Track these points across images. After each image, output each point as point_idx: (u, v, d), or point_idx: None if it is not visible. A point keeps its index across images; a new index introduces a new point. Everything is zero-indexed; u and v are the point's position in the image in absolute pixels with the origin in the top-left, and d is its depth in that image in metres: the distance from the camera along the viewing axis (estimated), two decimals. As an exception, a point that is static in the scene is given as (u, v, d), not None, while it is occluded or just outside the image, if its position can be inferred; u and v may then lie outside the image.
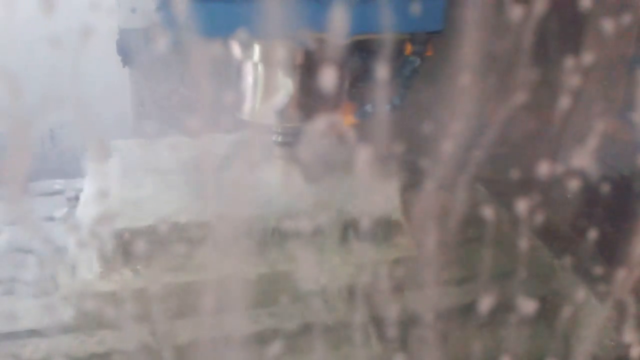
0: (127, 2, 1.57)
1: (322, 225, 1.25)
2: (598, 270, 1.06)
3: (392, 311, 1.12)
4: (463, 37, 0.70)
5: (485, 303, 0.99)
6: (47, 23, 0.54)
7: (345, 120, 1.36)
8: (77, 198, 1.40)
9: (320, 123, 0.71)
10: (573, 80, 0.71)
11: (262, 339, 1.17)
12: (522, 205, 0.80)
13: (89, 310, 1.15)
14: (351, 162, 0.72)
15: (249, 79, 1.31)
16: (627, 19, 0.74)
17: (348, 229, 1.29)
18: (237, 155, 0.99)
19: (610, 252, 0.85)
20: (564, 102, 0.73)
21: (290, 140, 1.39)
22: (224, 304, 1.15)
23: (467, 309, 1.19)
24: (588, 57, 0.71)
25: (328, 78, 0.74)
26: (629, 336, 0.96)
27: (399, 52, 1.34)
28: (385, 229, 1.32)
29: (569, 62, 0.72)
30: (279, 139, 1.40)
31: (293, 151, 1.39)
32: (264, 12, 0.67)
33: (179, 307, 1.16)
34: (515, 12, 0.71)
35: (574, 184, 0.74)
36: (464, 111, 0.74)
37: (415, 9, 1.03)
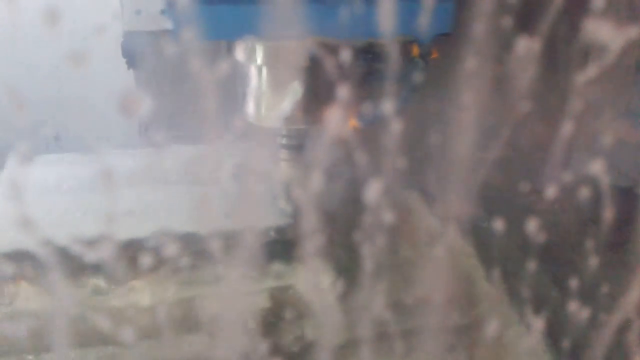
0: (131, 4, 1.57)
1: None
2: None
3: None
4: (470, 41, 0.70)
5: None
6: (52, 25, 0.53)
7: (349, 124, 1.35)
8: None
9: (326, 126, 0.71)
10: (581, 85, 0.70)
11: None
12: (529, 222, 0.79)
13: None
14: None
15: (253, 81, 1.31)
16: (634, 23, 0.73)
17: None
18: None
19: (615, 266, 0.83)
20: (572, 107, 0.72)
21: (296, 143, 1.38)
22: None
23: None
24: (596, 62, 0.70)
25: (334, 81, 0.74)
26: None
27: (404, 54, 1.33)
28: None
29: (578, 66, 0.71)
30: (285, 141, 1.39)
31: (300, 154, 1.39)
32: (270, 15, 0.66)
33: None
34: (524, 18, 0.70)
35: (583, 191, 0.74)
36: (469, 118, 0.74)
37: (424, 10, 1.02)
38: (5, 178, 1.35)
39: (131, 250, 1.13)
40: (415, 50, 1.33)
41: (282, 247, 1.22)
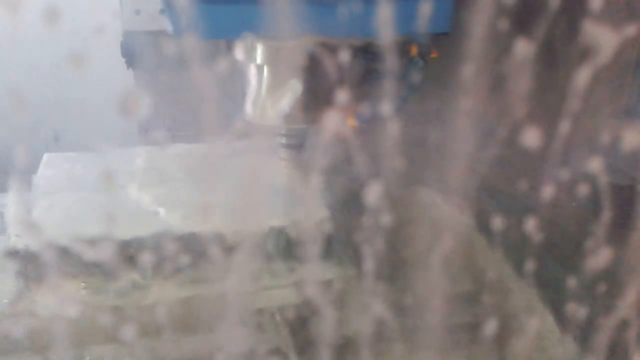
0: (131, 4, 1.58)
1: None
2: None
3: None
4: (469, 40, 0.70)
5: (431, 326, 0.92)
6: (52, 25, 0.53)
7: (348, 123, 1.35)
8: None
9: (325, 125, 0.71)
10: (580, 85, 0.70)
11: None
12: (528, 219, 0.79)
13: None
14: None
15: (253, 81, 1.31)
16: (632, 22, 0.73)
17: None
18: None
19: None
20: (571, 106, 0.72)
21: (295, 142, 1.39)
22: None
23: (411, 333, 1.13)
24: (595, 61, 0.70)
25: (333, 80, 0.74)
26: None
27: (403, 53, 1.34)
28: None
29: (576, 66, 0.71)
30: (284, 140, 1.40)
31: (298, 153, 1.39)
32: (269, 14, 0.67)
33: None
34: (523, 17, 0.70)
35: (581, 190, 0.74)
36: (468, 118, 0.74)
37: (423, 10, 1.03)
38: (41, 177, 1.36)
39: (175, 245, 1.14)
40: (415, 50, 1.33)
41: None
